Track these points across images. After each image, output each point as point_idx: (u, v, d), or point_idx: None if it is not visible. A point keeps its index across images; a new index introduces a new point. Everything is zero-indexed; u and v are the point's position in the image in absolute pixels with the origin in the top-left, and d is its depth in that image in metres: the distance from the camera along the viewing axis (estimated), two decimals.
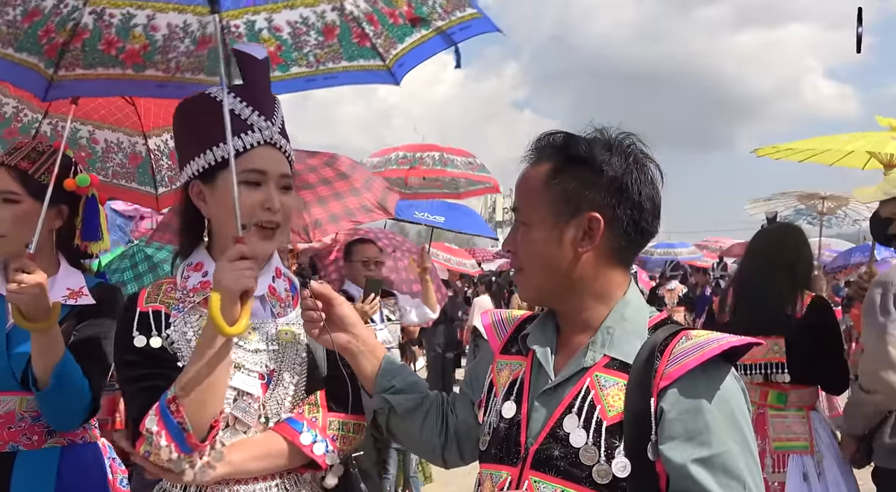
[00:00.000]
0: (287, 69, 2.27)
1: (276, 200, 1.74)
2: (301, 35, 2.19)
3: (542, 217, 1.50)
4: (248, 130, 1.74)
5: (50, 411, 2.04)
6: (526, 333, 1.61)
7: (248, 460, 1.69)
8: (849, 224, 7.84)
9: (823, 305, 3.50)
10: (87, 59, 2.10)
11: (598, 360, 1.46)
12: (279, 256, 1.91)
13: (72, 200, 2.23)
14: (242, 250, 1.61)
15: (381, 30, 2.13)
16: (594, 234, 1.47)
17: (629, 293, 1.52)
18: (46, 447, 2.11)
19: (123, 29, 2.08)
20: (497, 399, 1.58)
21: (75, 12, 1.98)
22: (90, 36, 2.05)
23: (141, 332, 1.71)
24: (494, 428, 1.55)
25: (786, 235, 3.70)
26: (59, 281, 2.15)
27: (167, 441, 1.57)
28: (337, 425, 1.77)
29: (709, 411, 1.34)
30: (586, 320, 1.51)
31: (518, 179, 1.59)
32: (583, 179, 1.48)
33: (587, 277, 1.50)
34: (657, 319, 1.51)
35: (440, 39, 2.04)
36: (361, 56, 2.22)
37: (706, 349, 1.36)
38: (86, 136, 2.98)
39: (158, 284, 1.82)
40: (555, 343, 1.55)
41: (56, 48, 2.03)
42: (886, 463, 3.07)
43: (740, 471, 1.33)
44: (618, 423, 1.38)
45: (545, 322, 1.60)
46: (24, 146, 2.22)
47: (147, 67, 2.19)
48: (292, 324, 1.83)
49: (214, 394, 1.61)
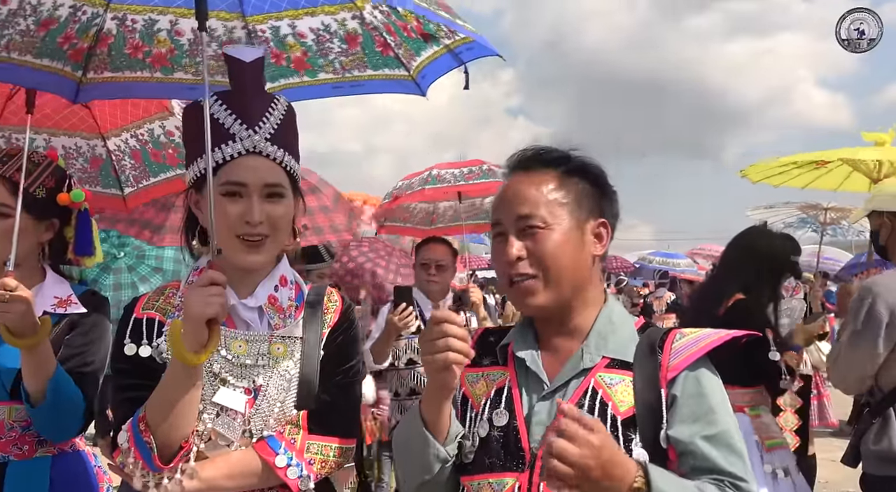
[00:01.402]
0: (315, 75, 2.24)
1: (257, 213, 1.65)
2: (325, 42, 2.14)
3: (563, 220, 1.54)
4: (229, 140, 1.67)
5: (45, 425, 2.04)
6: (505, 343, 1.63)
7: (222, 477, 1.66)
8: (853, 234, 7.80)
9: (742, 306, 3.54)
10: (114, 62, 2.13)
11: (596, 361, 1.53)
12: (286, 261, 1.85)
13: (63, 213, 2.21)
14: (213, 277, 1.57)
15: (400, 41, 2.05)
16: (603, 237, 1.59)
17: (611, 299, 1.62)
18: (37, 457, 2.10)
19: (147, 34, 2.09)
20: (477, 411, 1.58)
21: (97, 18, 2.01)
22: (115, 40, 2.09)
23: (132, 340, 1.71)
24: (483, 438, 1.54)
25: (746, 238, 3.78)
26: (45, 289, 2.13)
27: (136, 458, 1.58)
28: (316, 448, 1.71)
29: (711, 395, 1.48)
30: (574, 326, 1.57)
31: (512, 190, 1.59)
32: (592, 186, 1.59)
33: (589, 281, 1.58)
34: (640, 323, 1.62)
35: (450, 57, 1.98)
36: (386, 65, 2.16)
37: (707, 342, 1.49)
38: (42, 145, 2.88)
39: (162, 289, 1.81)
40: (537, 349, 1.59)
41: (82, 53, 2.07)
42: (872, 469, 3.03)
43: (739, 446, 1.46)
44: (631, 416, 1.46)
45: (524, 330, 1.63)
46: (18, 156, 2.12)
47: (176, 70, 2.20)
48: (289, 337, 1.76)
49: (182, 418, 1.59)
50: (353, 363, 1.84)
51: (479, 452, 1.54)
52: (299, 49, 2.17)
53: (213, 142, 1.67)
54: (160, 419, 1.57)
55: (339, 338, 1.81)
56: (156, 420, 1.57)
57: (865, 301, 2.94)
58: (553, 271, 1.53)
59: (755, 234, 3.83)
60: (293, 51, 2.18)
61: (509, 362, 1.60)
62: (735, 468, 1.42)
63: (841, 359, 3.05)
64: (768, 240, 3.76)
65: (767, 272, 3.64)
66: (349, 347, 1.83)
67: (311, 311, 1.81)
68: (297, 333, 1.77)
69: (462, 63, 1.90)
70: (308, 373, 1.75)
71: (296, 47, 2.16)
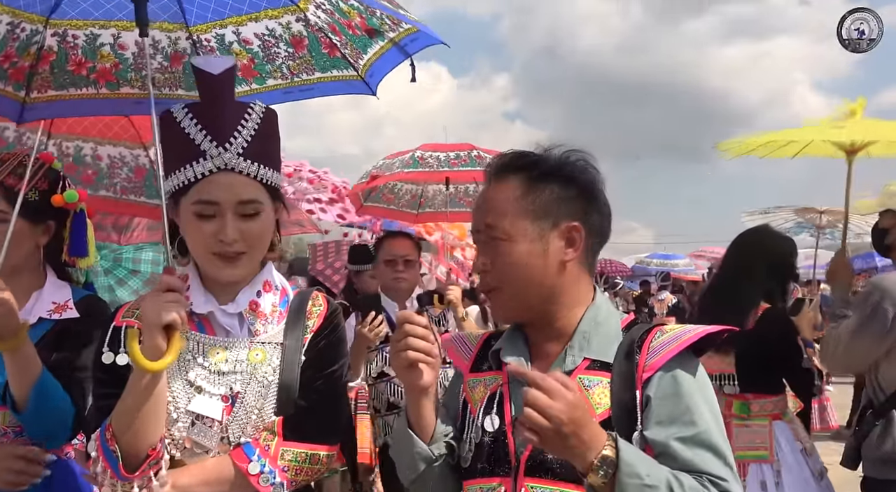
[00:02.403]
0: (263, 82, 2.22)
1: (231, 231, 1.63)
2: (271, 47, 2.14)
3: (522, 231, 1.51)
4: (200, 158, 1.63)
5: (33, 430, 2.04)
6: (497, 349, 1.62)
7: (196, 484, 1.65)
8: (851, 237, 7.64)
9: (774, 317, 3.53)
10: (57, 80, 2.10)
11: (578, 363, 1.50)
12: (273, 266, 1.83)
13: (59, 215, 2.21)
14: (169, 282, 1.56)
15: (346, 40, 2.06)
16: (576, 242, 1.53)
17: (598, 298, 1.59)
18: None
19: (90, 49, 2.07)
20: (474, 416, 1.58)
21: (36, 35, 1.98)
22: (56, 57, 2.05)
23: (110, 348, 1.70)
24: (477, 443, 1.55)
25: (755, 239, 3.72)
26: (45, 295, 2.13)
27: (104, 467, 1.57)
28: (291, 456, 1.68)
29: (689, 394, 1.43)
30: (560, 328, 1.55)
31: (483, 198, 1.60)
32: (559, 190, 1.53)
33: (567, 285, 1.54)
34: (628, 320, 1.58)
35: (396, 51, 1.97)
36: (334, 67, 2.16)
37: (683, 339, 1.46)
38: (89, 153, 2.96)
39: (143, 297, 1.78)
40: (527, 354, 1.58)
41: (23, 72, 2.04)
42: (874, 473, 3.04)
43: (720, 447, 1.41)
44: (607, 419, 1.43)
45: (514, 335, 1.62)
46: (10, 160, 2.16)
47: (122, 85, 2.18)
48: (269, 342, 1.74)
49: (146, 425, 1.58)
50: (335, 368, 1.81)
51: (474, 456, 1.56)
52: (246, 56, 2.16)
53: (184, 158, 1.65)
54: (125, 427, 1.56)
55: (322, 342, 1.79)
56: (121, 428, 1.56)
57: (872, 297, 2.98)
58: (512, 284, 1.53)
59: (766, 236, 3.76)
60: (240, 58, 2.16)
61: (503, 367, 1.59)
62: (714, 468, 1.38)
63: (842, 345, 3.05)
64: (780, 242, 3.72)
65: (781, 276, 3.62)
66: (332, 352, 1.80)
67: (293, 316, 1.79)
68: (278, 339, 1.75)
69: (408, 55, 1.91)
70: (288, 379, 1.73)
71: (242, 55, 2.15)
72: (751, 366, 3.47)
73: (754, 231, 3.87)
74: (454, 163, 4.75)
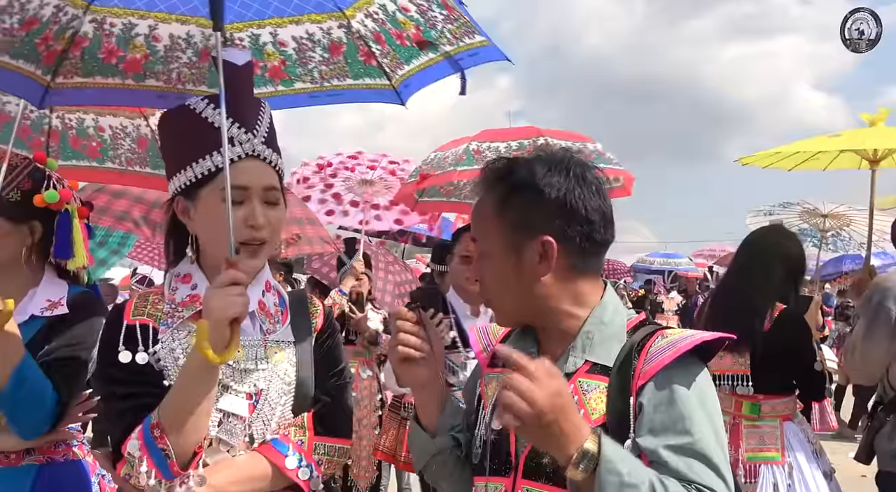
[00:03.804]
0: (291, 84, 2.22)
1: (260, 216, 1.69)
2: (306, 51, 2.14)
3: (498, 247, 1.51)
4: (229, 144, 1.68)
5: (10, 415, 1.99)
6: None
7: (230, 483, 1.65)
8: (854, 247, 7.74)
9: (791, 318, 3.53)
10: (86, 67, 2.05)
11: (579, 365, 1.48)
12: (269, 268, 1.86)
13: (46, 215, 2.17)
14: (235, 276, 1.56)
15: (388, 49, 2.08)
16: (549, 256, 1.47)
17: (605, 297, 1.54)
18: (23, 465, 2.06)
19: (124, 38, 2.03)
20: (486, 412, 1.58)
21: (74, 20, 1.94)
22: (90, 44, 2.01)
23: (127, 347, 1.67)
24: (485, 441, 1.55)
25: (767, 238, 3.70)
26: (39, 293, 2.12)
27: (149, 467, 1.55)
28: (323, 449, 1.76)
29: (683, 402, 1.37)
30: (565, 330, 1.52)
31: (472, 210, 1.62)
32: (529, 205, 1.48)
33: (554, 295, 1.50)
34: (636, 321, 1.54)
35: (447, 64, 1.99)
36: (367, 75, 2.17)
37: (679, 345, 1.40)
38: (92, 124, 2.91)
39: (145, 295, 1.78)
40: (536, 353, 1.55)
41: (55, 56, 1.98)
42: (888, 466, 3.09)
43: (713, 457, 1.35)
44: (601, 425, 1.39)
45: (524, 334, 1.61)
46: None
47: (147, 77, 2.14)
48: (281, 341, 1.78)
49: (199, 421, 1.58)
50: (343, 366, 1.90)
51: (482, 454, 1.56)
52: (278, 58, 2.16)
53: (208, 146, 1.67)
54: (178, 424, 1.55)
55: (327, 341, 1.87)
56: (173, 425, 1.55)
57: (874, 298, 3.05)
58: (494, 299, 1.56)
59: (782, 237, 3.72)
60: (271, 60, 2.16)
61: None
62: (705, 478, 1.33)
63: (857, 352, 3.10)
64: (795, 243, 3.69)
65: (795, 277, 3.62)
66: (337, 351, 1.90)
67: (297, 315, 1.84)
68: (289, 338, 1.80)
69: (460, 69, 1.95)
70: (304, 376, 1.79)
71: (274, 56, 2.15)
72: (767, 367, 3.45)
73: (769, 232, 3.81)
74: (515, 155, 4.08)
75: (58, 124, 2.89)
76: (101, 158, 2.97)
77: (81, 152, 2.92)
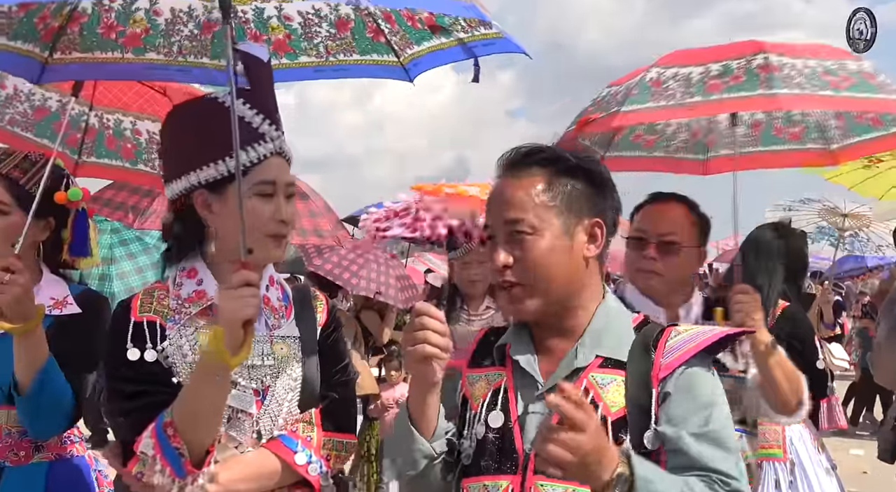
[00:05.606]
0: (295, 58, 2.16)
1: (286, 211, 1.70)
2: (312, 26, 2.08)
3: (551, 225, 1.49)
4: (261, 140, 1.67)
5: (29, 417, 1.98)
6: (502, 344, 1.60)
7: (240, 480, 1.66)
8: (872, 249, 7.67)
9: (793, 316, 3.44)
10: (84, 43, 1.99)
11: (590, 361, 1.49)
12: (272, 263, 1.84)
13: (60, 212, 2.14)
14: (248, 277, 1.54)
15: (398, 29, 2.02)
16: (598, 238, 1.52)
17: (608, 296, 1.58)
18: (34, 462, 2.05)
19: (124, 13, 1.97)
20: (475, 412, 1.56)
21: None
22: (88, 20, 1.95)
23: (135, 344, 1.66)
24: (480, 440, 1.53)
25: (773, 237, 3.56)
26: (42, 290, 2.06)
27: (163, 465, 1.56)
28: (331, 445, 1.76)
29: (704, 393, 1.45)
30: (571, 326, 1.54)
31: (503, 192, 1.54)
32: (580, 187, 1.52)
33: (585, 282, 1.53)
34: (638, 319, 1.58)
35: (461, 49, 1.93)
36: (375, 51, 2.11)
37: (701, 339, 1.47)
38: (129, 127, 2.88)
39: (150, 290, 1.76)
40: (533, 350, 1.57)
41: (52, 33, 1.92)
42: None
43: (730, 443, 1.44)
44: (622, 417, 1.44)
45: (520, 331, 1.60)
46: (15, 153, 2.12)
47: (147, 51, 2.08)
48: (287, 336, 1.78)
49: (212, 421, 1.59)
50: (347, 361, 1.90)
51: (476, 454, 1.53)
52: (282, 31, 2.09)
53: (243, 141, 1.62)
54: (192, 424, 1.56)
55: (331, 336, 1.86)
56: (188, 424, 1.55)
57: None
58: (540, 280, 1.50)
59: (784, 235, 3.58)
60: (275, 33, 2.09)
61: (507, 363, 1.58)
62: (723, 465, 1.39)
63: (883, 357, 3.05)
64: (797, 241, 3.63)
65: (797, 274, 3.56)
66: (341, 346, 1.90)
67: (301, 310, 1.83)
68: (294, 333, 1.79)
69: (474, 56, 1.90)
70: (310, 372, 1.78)
71: (279, 29, 2.08)
72: None
73: (771, 229, 3.67)
74: (714, 83, 2.56)
75: (95, 122, 2.86)
76: (133, 160, 2.95)
77: (116, 152, 2.90)
